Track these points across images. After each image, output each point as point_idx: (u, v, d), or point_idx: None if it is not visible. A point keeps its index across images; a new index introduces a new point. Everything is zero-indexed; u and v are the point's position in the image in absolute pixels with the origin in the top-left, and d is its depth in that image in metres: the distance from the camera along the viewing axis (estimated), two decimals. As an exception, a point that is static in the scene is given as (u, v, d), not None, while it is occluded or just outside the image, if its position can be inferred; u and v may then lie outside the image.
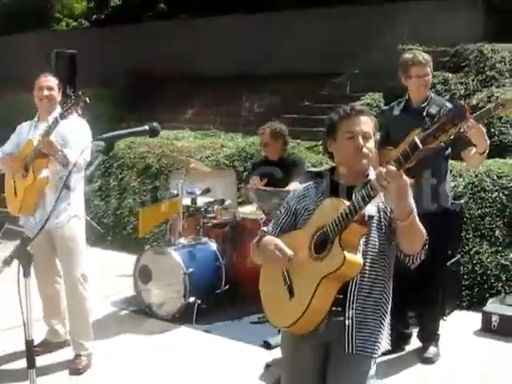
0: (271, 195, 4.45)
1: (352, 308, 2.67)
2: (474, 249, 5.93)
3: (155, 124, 2.85)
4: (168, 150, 8.57)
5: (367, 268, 2.66)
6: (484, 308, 5.34)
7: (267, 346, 4.90)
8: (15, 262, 2.62)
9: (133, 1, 17.76)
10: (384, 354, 4.38)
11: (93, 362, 4.66)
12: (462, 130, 2.36)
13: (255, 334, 5.13)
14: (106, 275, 6.49)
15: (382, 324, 2.75)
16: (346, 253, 2.55)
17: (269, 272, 2.92)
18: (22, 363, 4.61)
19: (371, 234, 2.66)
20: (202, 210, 5.93)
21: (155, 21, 17.01)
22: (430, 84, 4.72)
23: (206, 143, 8.99)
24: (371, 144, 2.73)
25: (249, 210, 5.99)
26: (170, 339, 5.18)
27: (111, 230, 8.09)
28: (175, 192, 5.83)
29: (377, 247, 2.68)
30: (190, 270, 5.36)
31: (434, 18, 11.33)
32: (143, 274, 5.59)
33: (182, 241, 5.65)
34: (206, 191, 5.84)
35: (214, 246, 5.76)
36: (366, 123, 2.73)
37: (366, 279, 2.68)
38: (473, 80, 8.86)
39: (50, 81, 4.60)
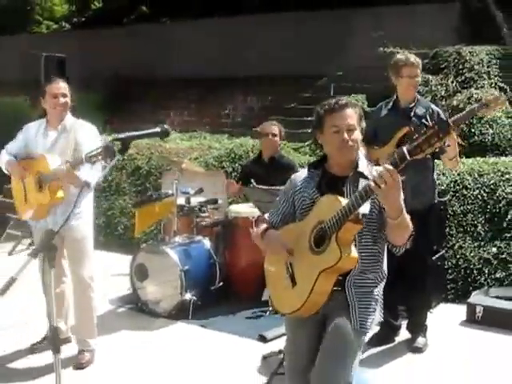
0: (267, 194, 4.60)
1: (352, 287, 2.91)
2: (458, 244, 6.16)
3: (166, 126, 3.04)
4: (156, 152, 8.71)
5: (363, 252, 2.88)
6: (468, 300, 5.55)
7: (263, 339, 5.08)
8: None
9: (114, 4, 17.83)
10: (376, 345, 4.69)
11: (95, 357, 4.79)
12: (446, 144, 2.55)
13: (250, 328, 5.32)
14: (101, 275, 6.59)
15: (377, 300, 2.98)
16: (341, 250, 2.77)
17: (273, 258, 3.15)
18: (25, 362, 4.76)
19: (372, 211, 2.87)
20: (197, 209, 6.10)
21: (137, 24, 17.12)
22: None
23: (194, 145, 9.14)
24: (356, 135, 2.94)
25: (240, 209, 6.16)
26: (168, 334, 5.32)
27: (103, 230, 8.20)
28: (170, 192, 5.99)
29: (370, 235, 2.90)
30: (186, 267, 5.53)
31: (413, 21, 11.62)
32: (139, 273, 5.74)
33: (177, 239, 5.81)
34: (200, 191, 6.02)
35: (207, 244, 5.93)
36: (351, 116, 2.93)
37: (362, 262, 2.89)
38: (452, 81, 9.13)
39: (64, 87, 4.56)
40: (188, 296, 5.54)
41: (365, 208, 2.81)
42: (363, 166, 2.98)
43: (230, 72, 13.39)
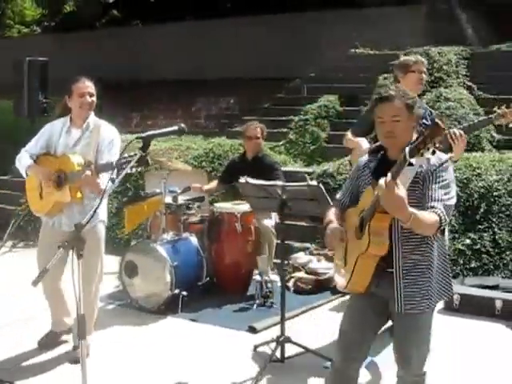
0: (258, 189, 4.78)
1: (399, 273, 3.07)
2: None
3: (183, 125, 3.25)
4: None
5: (403, 236, 3.04)
6: (446, 289, 5.83)
7: (253, 330, 5.26)
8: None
9: (86, 8, 17.81)
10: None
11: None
12: (437, 145, 2.74)
13: (239, 321, 5.50)
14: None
15: (431, 283, 3.10)
16: (370, 238, 3.00)
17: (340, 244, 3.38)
18: (31, 359, 4.84)
19: (410, 201, 2.91)
20: (184, 207, 6.27)
21: (109, 27, 17.16)
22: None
23: (172, 145, 9.27)
24: (398, 126, 3.05)
25: (225, 205, 6.34)
26: (159, 329, 5.46)
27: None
28: (157, 190, 6.14)
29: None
30: (176, 263, 5.68)
31: (381, 23, 11.93)
32: (129, 270, 5.85)
33: (165, 236, 5.97)
34: (187, 189, 6.19)
35: (194, 240, 6.10)
36: (390, 108, 3.06)
37: (407, 240, 3.05)
38: (422, 81, 9.41)
39: (91, 86, 4.59)
40: (177, 291, 5.69)
41: None
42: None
43: (203, 74, 13.55)
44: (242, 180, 4.73)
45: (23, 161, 4.68)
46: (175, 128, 3.26)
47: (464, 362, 4.68)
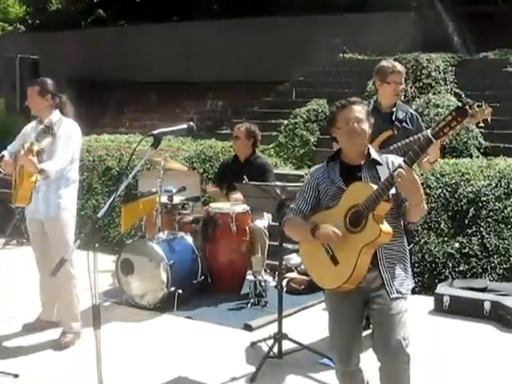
0: (257, 190, 4.87)
1: (383, 264, 3.31)
2: (423, 240, 6.58)
3: (192, 123, 3.33)
4: (126, 153, 8.89)
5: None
6: (436, 291, 5.96)
7: (249, 328, 5.36)
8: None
9: (71, 6, 17.75)
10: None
11: (85, 345, 4.89)
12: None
13: (235, 319, 5.59)
14: (80, 272, 6.72)
15: (407, 269, 3.42)
16: (380, 226, 3.17)
17: (308, 247, 3.51)
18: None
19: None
20: (179, 206, 6.35)
21: (95, 27, 17.13)
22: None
23: (163, 146, 9.31)
24: (364, 126, 3.36)
25: (220, 206, 6.42)
26: (155, 326, 5.53)
27: (77, 230, 8.29)
28: (153, 190, 6.20)
29: (390, 212, 3.28)
30: (172, 261, 5.76)
31: (369, 28, 12.06)
32: (125, 267, 5.92)
33: (161, 235, 6.04)
34: (183, 189, 6.26)
35: (189, 239, 6.18)
36: (358, 110, 3.37)
37: None
38: (411, 87, 9.56)
39: (30, 90, 5.04)
40: (173, 289, 5.76)
41: (393, 189, 3.21)
42: (375, 154, 3.42)
43: (191, 76, 13.61)
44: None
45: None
46: (184, 126, 3.37)
47: (453, 360, 4.81)
